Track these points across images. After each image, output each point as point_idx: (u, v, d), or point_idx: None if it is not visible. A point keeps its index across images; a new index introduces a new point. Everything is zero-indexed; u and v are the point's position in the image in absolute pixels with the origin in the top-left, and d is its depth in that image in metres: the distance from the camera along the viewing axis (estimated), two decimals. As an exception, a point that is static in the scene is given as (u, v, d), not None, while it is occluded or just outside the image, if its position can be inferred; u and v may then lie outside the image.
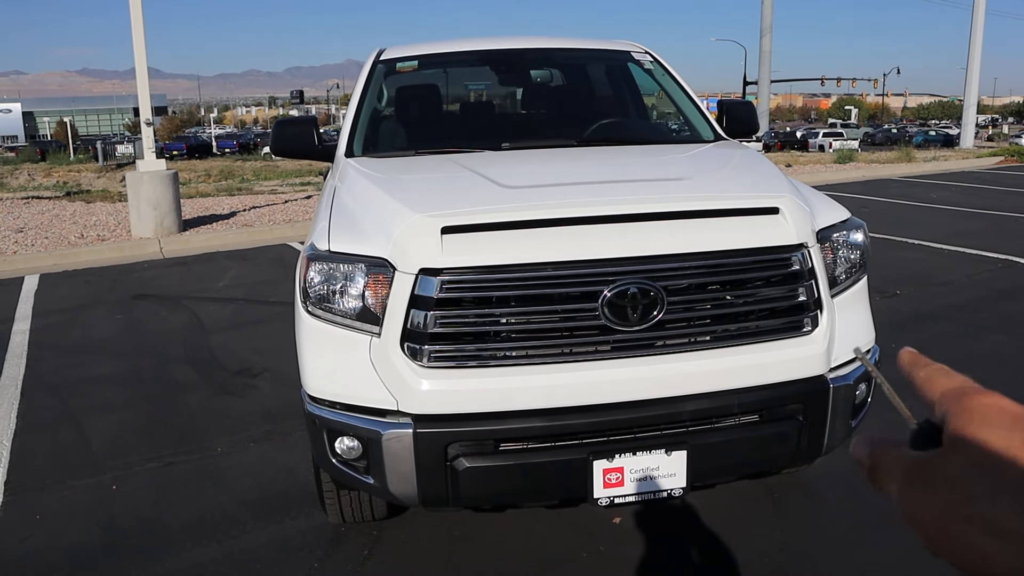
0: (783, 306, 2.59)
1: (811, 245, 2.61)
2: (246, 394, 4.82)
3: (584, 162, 3.32)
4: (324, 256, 2.56)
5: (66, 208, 13.97)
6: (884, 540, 3.07)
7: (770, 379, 2.55)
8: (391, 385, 2.44)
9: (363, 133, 3.75)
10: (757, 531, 3.14)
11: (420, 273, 2.38)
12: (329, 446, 2.55)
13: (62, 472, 3.85)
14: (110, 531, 3.30)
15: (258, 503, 3.48)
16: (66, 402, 4.77)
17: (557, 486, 2.51)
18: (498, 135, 3.66)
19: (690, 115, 3.98)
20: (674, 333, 2.47)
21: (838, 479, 3.53)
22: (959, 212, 11.64)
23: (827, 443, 2.70)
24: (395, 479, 2.46)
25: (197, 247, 10.05)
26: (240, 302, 7.15)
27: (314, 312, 2.59)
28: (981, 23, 33.54)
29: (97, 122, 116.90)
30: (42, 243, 10.10)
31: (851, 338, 2.76)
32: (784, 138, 53.13)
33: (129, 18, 10.33)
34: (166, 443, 4.14)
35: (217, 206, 13.52)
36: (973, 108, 35.41)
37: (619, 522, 3.22)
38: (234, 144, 55.60)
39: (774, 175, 2.94)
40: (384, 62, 4.11)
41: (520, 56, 4.26)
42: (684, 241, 2.46)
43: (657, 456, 2.48)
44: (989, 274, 7.55)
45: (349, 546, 3.11)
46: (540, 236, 2.39)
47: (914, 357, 0.60)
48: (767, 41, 55.97)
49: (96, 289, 7.92)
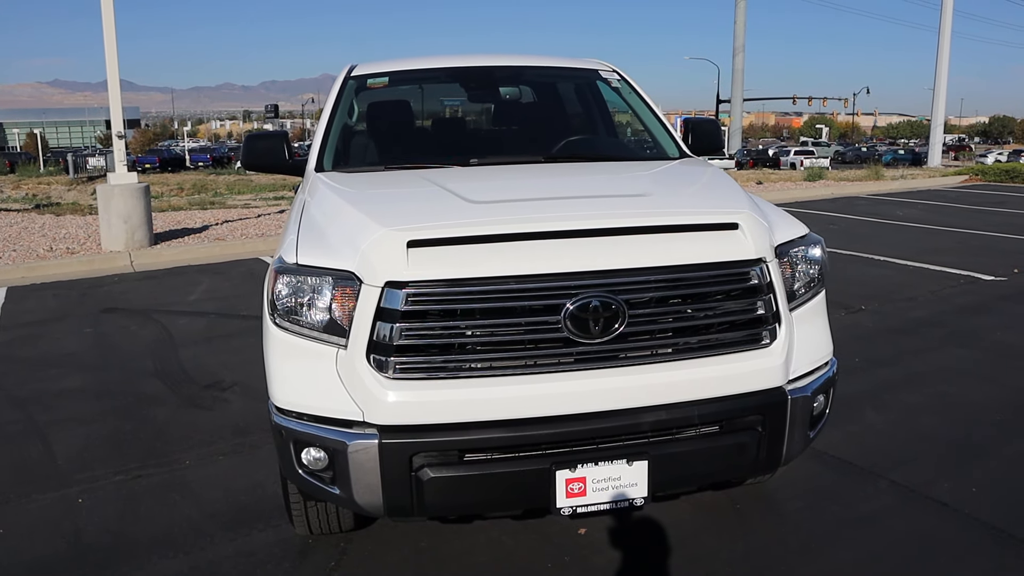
0: (742, 319, 2.66)
1: (769, 260, 2.69)
2: (215, 407, 4.81)
3: (550, 178, 3.38)
4: (292, 269, 2.60)
5: (35, 221, 13.82)
6: (843, 549, 3.14)
7: (729, 391, 2.62)
8: (357, 396, 2.47)
9: (333, 148, 3.79)
10: (720, 541, 3.20)
11: (386, 286, 2.42)
12: (296, 457, 2.58)
13: (27, 486, 3.82)
14: (76, 545, 3.28)
15: (226, 515, 3.47)
16: (32, 416, 4.73)
17: (521, 496, 2.55)
18: (467, 151, 3.72)
19: (656, 132, 4.06)
20: (635, 345, 2.53)
21: (799, 490, 3.61)
22: (924, 229, 11.88)
23: (786, 453, 2.76)
24: (361, 489, 2.49)
25: (168, 261, 9.99)
26: (211, 316, 7.12)
27: (281, 324, 2.61)
28: (947, 45, 34.30)
29: (68, 134, 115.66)
30: (10, 256, 9.98)
31: (809, 351, 2.84)
32: (756, 156, 53.86)
33: (102, 29, 10.29)
34: (134, 456, 4.12)
35: (189, 220, 13.45)
36: (940, 128, 36.13)
37: (584, 533, 3.26)
38: (207, 158, 55.21)
39: (734, 192, 3.02)
40: (355, 78, 4.16)
41: (490, 74, 4.33)
42: (645, 256, 2.52)
43: (619, 466, 2.53)
44: (952, 290, 7.72)
45: (316, 558, 3.12)
46: (504, 250, 2.44)
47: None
48: (739, 60, 56.74)
49: (65, 302, 7.84)
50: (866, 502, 3.50)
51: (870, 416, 4.49)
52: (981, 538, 3.20)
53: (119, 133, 10.71)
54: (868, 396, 4.78)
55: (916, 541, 3.18)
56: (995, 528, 3.25)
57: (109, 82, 10.47)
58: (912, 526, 3.30)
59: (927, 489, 3.59)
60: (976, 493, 3.56)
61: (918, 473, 3.75)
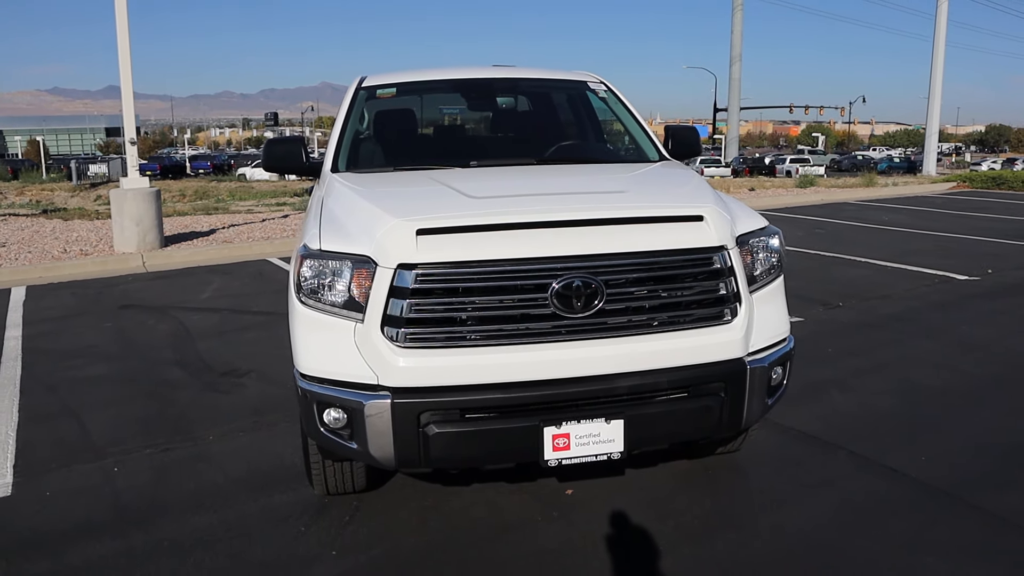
0: (707, 298, 3.06)
1: (731, 247, 3.09)
2: (234, 392, 5.20)
3: (540, 178, 3.79)
4: (315, 254, 3.00)
5: (45, 225, 14.22)
6: (798, 506, 3.54)
7: (695, 360, 3.02)
8: (372, 363, 2.87)
9: (347, 151, 4.20)
10: (690, 500, 3.59)
11: (398, 268, 2.82)
12: (319, 417, 2.97)
13: (66, 458, 4.21)
14: (115, 504, 3.68)
15: (249, 481, 3.87)
16: (64, 399, 5.12)
17: (513, 449, 2.94)
18: (467, 154, 4.13)
19: (638, 138, 4.48)
20: (613, 320, 2.93)
21: (766, 459, 4.01)
22: (907, 233, 12.31)
23: (746, 417, 3.16)
24: (375, 444, 2.88)
25: (179, 262, 10.40)
26: (224, 312, 7.52)
27: (306, 302, 3.02)
28: (942, 55, 34.86)
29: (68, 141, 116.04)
30: (26, 257, 10.38)
31: (767, 328, 3.24)
32: (752, 164, 54.37)
33: (103, 38, 10.71)
34: (161, 433, 4.52)
35: (196, 224, 13.85)
36: (935, 136, 36.65)
37: (571, 493, 3.65)
38: (208, 165, 55.73)
39: (702, 189, 3.42)
40: (365, 88, 4.58)
41: (488, 85, 4.75)
42: (621, 242, 2.92)
43: (598, 424, 2.93)
44: (926, 288, 8.13)
45: (333, 514, 3.51)
46: (499, 237, 2.84)
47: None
48: (736, 69, 57.34)
49: (82, 300, 8.24)
50: (824, 469, 3.91)
51: (836, 398, 4.89)
52: (922, 498, 3.59)
53: (131, 139, 11.12)
54: (836, 381, 5.19)
55: (864, 500, 3.58)
56: (938, 489, 3.65)
57: (122, 90, 10.87)
58: (863, 488, 3.70)
59: (881, 458, 3.99)
60: (924, 462, 3.96)
61: (874, 445, 4.15)
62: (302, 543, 3.29)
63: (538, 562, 3.11)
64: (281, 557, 3.19)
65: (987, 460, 3.98)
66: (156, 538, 3.36)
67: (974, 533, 3.29)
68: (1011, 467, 3.89)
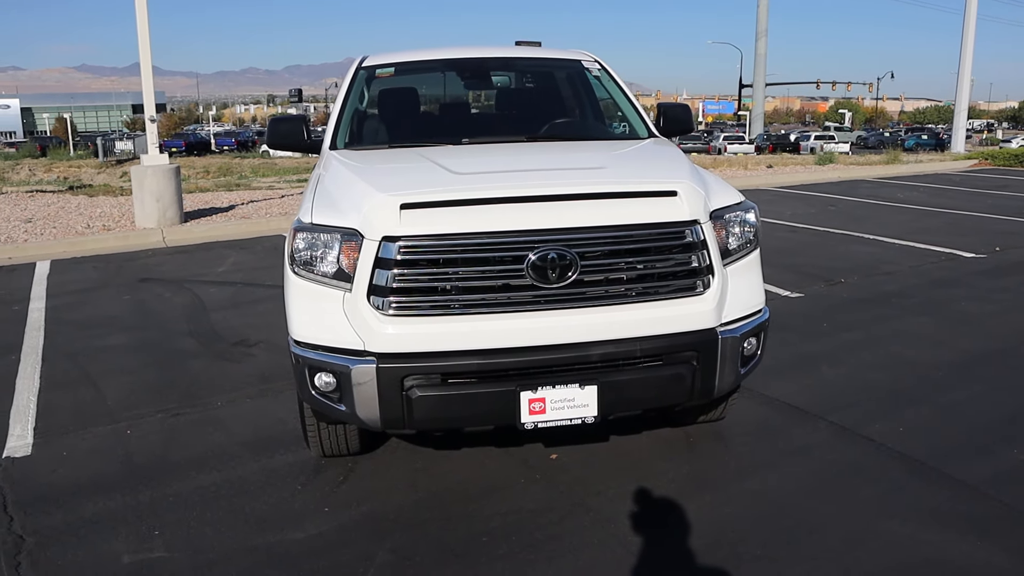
0: (679, 270, 3.20)
1: (704, 222, 3.22)
2: (243, 361, 5.42)
3: (526, 154, 3.94)
4: (307, 227, 3.18)
5: (70, 201, 14.55)
6: (773, 471, 3.69)
7: (668, 330, 3.16)
8: (359, 330, 3.05)
9: (346, 129, 4.37)
10: (669, 464, 3.76)
11: (383, 240, 2.99)
12: (310, 381, 3.16)
13: (83, 421, 4.45)
14: (127, 463, 3.91)
15: (252, 443, 4.08)
16: (83, 366, 5.38)
17: (492, 412, 3.12)
18: (460, 132, 4.27)
19: (629, 116, 4.60)
20: (587, 291, 3.08)
21: (747, 428, 4.15)
22: (920, 211, 12.27)
23: (718, 385, 3.31)
24: (362, 406, 3.07)
25: (198, 237, 10.65)
26: (238, 285, 7.75)
27: (299, 272, 3.20)
28: (972, 28, 34.12)
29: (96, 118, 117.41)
30: (51, 232, 10.69)
31: (741, 300, 3.38)
32: (777, 140, 53.78)
33: (130, 15, 10.92)
34: (172, 399, 4.75)
35: (216, 200, 14.12)
36: (964, 112, 35.97)
37: (555, 458, 3.83)
38: (232, 142, 56.20)
39: (680, 165, 3.55)
40: (365, 68, 4.74)
41: (483, 64, 4.89)
42: (595, 216, 3.07)
43: (572, 389, 3.09)
44: (931, 265, 8.17)
45: (328, 474, 3.72)
46: (478, 211, 3.00)
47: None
48: (762, 44, 56.67)
49: (104, 273, 8.52)
50: (803, 438, 4.04)
51: (824, 371, 5.01)
52: (895, 466, 3.73)
53: (151, 117, 11.36)
54: (826, 355, 5.31)
55: (838, 467, 3.72)
56: (911, 458, 3.78)
57: (142, 69, 11.10)
58: (838, 456, 3.83)
59: (860, 428, 4.12)
60: (903, 432, 4.08)
61: (855, 416, 4.28)
62: (297, 500, 3.50)
63: (517, 520, 3.29)
64: (277, 512, 3.40)
65: (965, 431, 4.09)
66: (162, 494, 3.58)
67: (939, 499, 3.42)
68: (987, 438, 4.00)
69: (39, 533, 3.29)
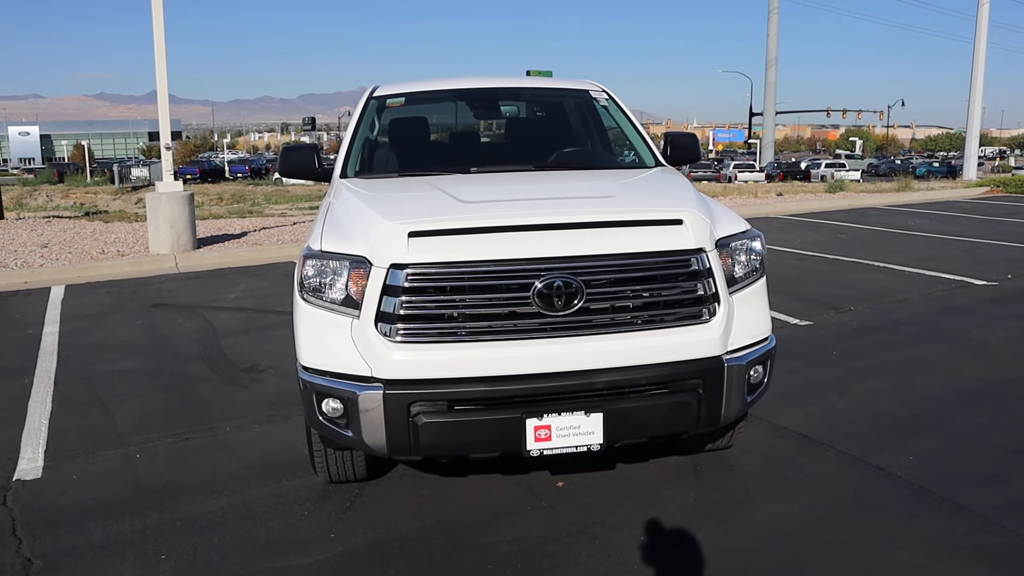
0: (685, 298, 3.21)
1: (709, 250, 3.24)
2: (252, 386, 5.46)
3: (534, 183, 3.98)
4: (317, 254, 3.22)
5: (86, 227, 14.72)
6: (781, 500, 3.67)
7: (674, 358, 3.17)
8: (367, 356, 3.07)
9: (356, 158, 4.43)
10: (676, 493, 3.74)
11: (391, 267, 3.03)
12: (318, 406, 3.19)
13: (93, 444, 4.49)
14: (135, 487, 3.93)
15: (260, 468, 4.10)
16: (94, 390, 5.42)
17: (498, 439, 3.12)
18: (468, 161, 4.33)
19: (636, 145, 4.65)
20: (593, 318, 3.10)
21: (755, 456, 4.14)
22: (931, 238, 12.25)
23: (724, 413, 3.30)
24: (369, 432, 3.09)
25: (210, 263, 10.75)
26: (249, 311, 7.81)
27: (308, 299, 3.24)
28: (983, 55, 34.19)
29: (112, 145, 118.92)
30: (66, 257, 10.81)
31: (747, 328, 3.38)
32: (787, 168, 53.90)
33: (148, 44, 11.09)
34: (182, 423, 4.78)
35: (229, 227, 14.25)
36: (976, 139, 35.94)
37: (562, 486, 3.82)
38: (246, 169, 56.80)
39: (686, 194, 3.57)
40: (376, 98, 4.82)
41: (491, 94, 4.97)
42: (601, 244, 3.09)
43: (578, 417, 3.10)
44: (941, 293, 8.14)
45: (334, 500, 3.73)
46: (485, 239, 3.03)
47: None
48: (772, 73, 57.03)
49: (117, 298, 8.60)
50: (811, 466, 4.03)
51: (833, 399, 5.00)
52: (905, 495, 3.70)
53: (167, 145, 11.52)
54: (835, 383, 5.29)
55: (847, 496, 3.70)
56: (921, 488, 3.76)
57: (159, 97, 11.29)
58: (847, 485, 3.81)
59: (868, 457, 4.10)
60: (912, 461, 4.05)
61: (864, 444, 4.26)
62: (303, 525, 3.50)
63: (523, 547, 3.29)
64: (283, 537, 3.41)
65: (975, 460, 4.07)
66: (170, 518, 3.60)
67: (949, 529, 3.39)
68: (997, 467, 3.98)
69: (47, 556, 3.31)
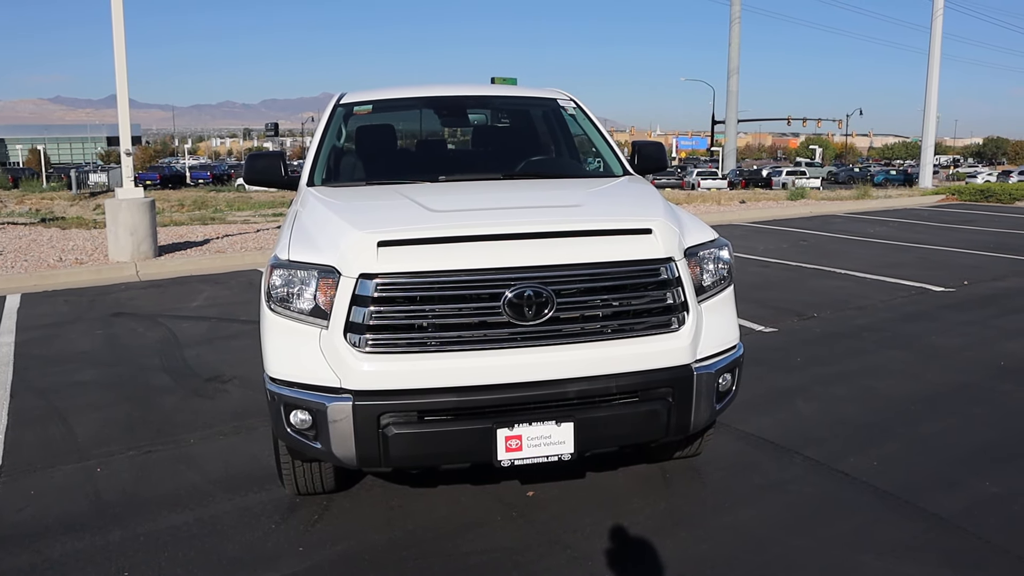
0: (654, 307, 3.23)
1: (678, 259, 3.26)
2: (217, 397, 5.36)
3: (503, 192, 3.97)
4: (284, 264, 3.18)
5: (42, 234, 14.40)
6: (749, 506, 3.70)
7: (643, 367, 3.18)
8: (336, 367, 3.04)
9: (323, 166, 4.39)
10: (646, 501, 3.75)
11: (360, 277, 2.99)
12: (286, 418, 3.14)
13: (51, 458, 4.37)
14: (96, 503, 3.84)
15: (225, 481, 4.03)
16: (52, 402, 5.29)
17: (468, 450, 3.10)
18: (437, 169, 4.31)
19: (604, 154, 4.67)
20: (563, 328, 3.10)
21: (723, 463, 4.17)
22: (891, 245, 12.49)
23: (694, 421, 3.32)
24: (338, 443, 3.05)
25: (172, 271, 10.57)
26: (212, 320, 7.69)
27: (275, 309, 3.19)
28: (937, 66, 35.03)
29: (70, 150, 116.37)
30: (22, 265, 10.55)
31: (716, 336, 3.41)
32: (749, 176, 54.62)
33: (106, 47, 10.91)
34: (144, 436, 4.68)
35: (191, 234, 14.03)
36: (931, 148, 36.83)
37: (532, 495, 3.81)
38: (208, 175, 55.96)
39: (655, 203, 3.59)
40: (343, 105, 4.78)
41: (460, 102, 4.95)
42: (571, 254, 3.09)
43: (549, 427, 3.09)
44: (903, 299, 8.30)
45: (302, 513, 3.67)
46: (455, 248, 3.02)
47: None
48: (734, 82, 57.75)
49: (76, 307, 8.41)
50: (779, 472, 4.06)
51: (799, 405, 5.06)
52: (871, 500, 3.75)
53: (127, 151, 11.31)
54: (800, 389, 5.35)
55: (814, 501, 3.75)
56: (885, 492, 3.81)
57: (119, 101, 11.08)
58: (814, 490, 3.86)
59: (834, 462, 4.15)
60: (876, 466, 4.11)
61: (829, 450, 4.31)
62: (271, 539, 3.45)
63: (494, 558, 3.27)
64: (250, 552, 3.34)
65: (937, 464, 4.14)
66: (133, 533, 3.52)
67: (913, 532, 3.44)
68: (959, 471, 4.05)
69: (3, 575, 3.21)
